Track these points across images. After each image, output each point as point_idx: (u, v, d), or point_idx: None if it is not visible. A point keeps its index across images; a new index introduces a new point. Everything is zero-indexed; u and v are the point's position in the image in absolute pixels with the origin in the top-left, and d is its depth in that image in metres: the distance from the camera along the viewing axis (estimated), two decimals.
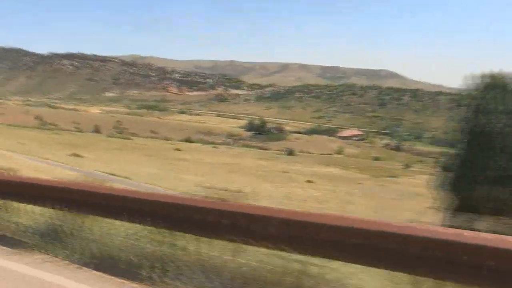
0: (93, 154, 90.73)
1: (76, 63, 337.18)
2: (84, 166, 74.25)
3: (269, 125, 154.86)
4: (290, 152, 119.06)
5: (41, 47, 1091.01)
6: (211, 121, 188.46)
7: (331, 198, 70.11)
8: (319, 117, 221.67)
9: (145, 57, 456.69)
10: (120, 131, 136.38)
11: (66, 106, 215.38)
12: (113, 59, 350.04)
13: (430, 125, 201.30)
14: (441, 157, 30.88)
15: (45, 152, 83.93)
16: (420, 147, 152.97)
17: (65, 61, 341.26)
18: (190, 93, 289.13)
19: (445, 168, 25.26)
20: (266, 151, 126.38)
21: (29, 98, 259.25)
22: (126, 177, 72.02)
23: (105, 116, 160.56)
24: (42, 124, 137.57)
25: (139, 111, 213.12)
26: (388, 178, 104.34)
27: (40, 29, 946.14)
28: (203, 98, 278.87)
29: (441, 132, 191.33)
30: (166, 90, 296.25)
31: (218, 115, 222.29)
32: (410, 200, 74.05)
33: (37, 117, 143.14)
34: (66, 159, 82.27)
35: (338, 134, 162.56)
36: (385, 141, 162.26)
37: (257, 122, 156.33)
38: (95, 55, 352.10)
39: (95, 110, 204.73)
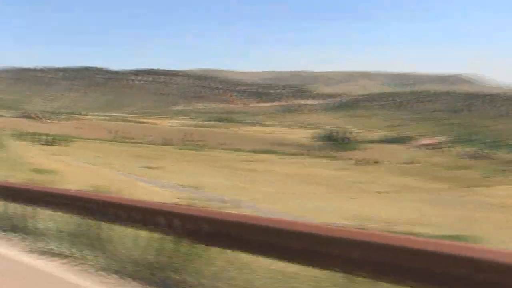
0: (167, 166, 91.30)
1: (147, 79, 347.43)
2: (157, 178, 74.59)
3: (340, 135, 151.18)
4: (364, 162, 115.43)
5: (115, 65, 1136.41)
6: (281, 132, 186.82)
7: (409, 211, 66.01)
8: (390, 126, 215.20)
9: (213, 70, 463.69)
10: (192, 143, 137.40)
11: (139, 120, 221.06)
12: (182, 74, 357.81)
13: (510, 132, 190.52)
14: None
15: (119, 165, 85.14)
16: (502, 155, 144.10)
17: (137, 77, 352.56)
18: (257, 104, 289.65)
19: None
20: (339, 161, 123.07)
21: (104, 113, 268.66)
22: (194, 187, 71.45)
23: (176, 128, 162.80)
24: (118, 138, 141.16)
25: (205, 123, 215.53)
26: (469, 189, 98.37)
27: (113, 48, 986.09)
28: (270, 109, 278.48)
29: None
30: (234, 102, 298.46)
31: (287, 126, 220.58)
32: (496, 212, 68.32)
33: (113, 131, 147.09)
34: (139, 171, 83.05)
35: (412, 143, 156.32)
36: (464, 149, 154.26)
37: (327, 131, 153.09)
38: (165, 70, 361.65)
39: (165, 123, 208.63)
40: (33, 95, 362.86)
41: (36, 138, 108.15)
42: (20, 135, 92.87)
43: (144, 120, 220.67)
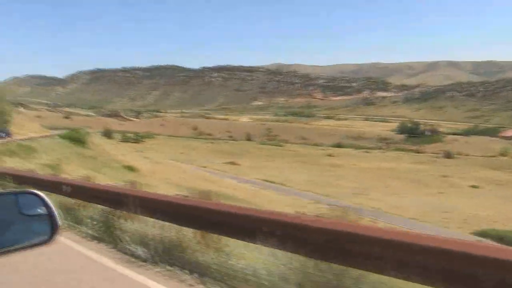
0: (248, 162, 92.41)
1: (224, 75, 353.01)
2: (242, 175, 75.68)
3: (422, 127, 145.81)
4: (448, 155, 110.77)
5: (194, 63, 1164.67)
6: (359, 125, 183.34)
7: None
8: (475, 117, 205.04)
9: (290, 65, 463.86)
10: (271, 138, 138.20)
11: (218, 116, 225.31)
12: (259, 69, 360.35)
13: None
14: None
15: (203, 161, 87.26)
16: None
17: (215, 74, 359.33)
18: (335, 98, 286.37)
19: None
20: (421, 154, 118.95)
21: (184, 110, 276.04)
22: (282, 184, 71.69)
23: (254, 124, 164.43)
24: (198, 134, 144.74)
25: (286, 118, 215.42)
26: None
27: (192, 46, 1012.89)
28: (349, 103, 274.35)
29: None
30: (311, 96, 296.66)
31: (366, 119, 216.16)
32: None
33: (193, 128, 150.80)
34: (224, 167, 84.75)
35: (501, 134, 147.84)
36: None
37: (408, 124, 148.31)
38: (242, 66, 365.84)
39: (244, 118, 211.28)
40: (116, 95, 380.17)
41: (122, 136, 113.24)
42: (107, 134, 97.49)
43: (224, 116, 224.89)
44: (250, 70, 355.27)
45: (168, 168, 52.64)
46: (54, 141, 43.39)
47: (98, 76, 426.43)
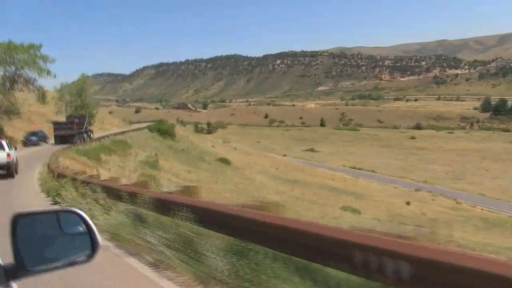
0: (327, 148, 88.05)
1: (288, 62, 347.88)
2: (326, 162, 71.33)
3: (506, 104, 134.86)
4: None
5: (256, 51, 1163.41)
6: (433, 106, 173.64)
7: None
8: None
9: (351, 48, 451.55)
10: (345, 122, 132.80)
11: (285, 103, 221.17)
12: (323, 53, 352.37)
13: None
14: None
15: (282, 149, 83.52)
16: None
17: (278, 61, 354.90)
18: (403, 79, 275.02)
19: None
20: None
21: (249, 99, 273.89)
22: (372, 171, 66.79)
23: (327, 108, 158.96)
24: (270, 122, 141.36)
25: (354, 101, 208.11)
26: None
27: (252, 35, 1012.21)
28: (419, 83, 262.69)
29: None
30: (378, 78, 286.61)
31: (438, 99, 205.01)
32: None
33: (264, 116, 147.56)
34: (304, 155, 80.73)
35: None
36: None
37: (493, 101, 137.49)
38: (304, 52, 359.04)
39: (311, 104, 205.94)
40: (181, 87, 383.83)
41: (194, 126, 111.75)
42: (183, 125, 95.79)
43: (290, 103, 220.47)
44: (313, 55, 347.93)
45: (261, 159, 49.26)
46: (144, 134, 40.85)
47: (162, 70, 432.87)
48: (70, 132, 34.39)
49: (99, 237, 1.53)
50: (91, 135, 37.93)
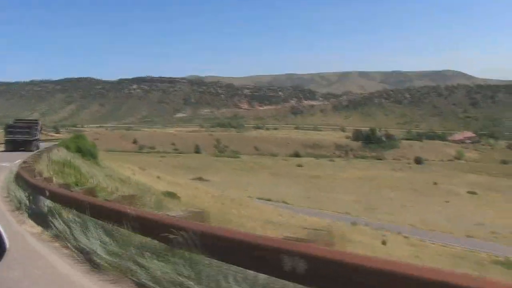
0: (217, 177, 79.59)
1: (145, 87, 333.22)
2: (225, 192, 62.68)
3: (376, 134, 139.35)
4: (419, 161, 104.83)
5: (109, 74, 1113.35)
6: (293, 134, 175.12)
7: None
8: (405, 123, 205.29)
9: (205, 77, 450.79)
10: (221, 149, 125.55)
11: (144, 129, 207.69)
12: (181, 80, 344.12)
13: None
14: None
15: (171, 178, 72.91)
16: None
17: (134, 86, 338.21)
18: (261, 108, 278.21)
19: None
20: (387, 160, 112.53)
21: (103, 125, 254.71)
22: (284, 202, 59.60)
23: (200, 135, 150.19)
24: (139, 148, 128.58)
25: (213, 129, 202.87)
26: None
27: (104, 57, 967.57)
28: (276, 112, 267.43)
29: None
30: (237, 107, 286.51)
31: (296, 128, 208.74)
32: None
33: (133, 141, 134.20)
34: (194, 184, 70.96)
35: (450, 138, 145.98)
36: (502, 141, 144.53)
37: (362, 131, 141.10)
38: (163, 78, 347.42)
39: (171, 131, 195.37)
40: (24, 109, 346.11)
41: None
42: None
43: (149, 130, 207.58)
44: (172, 81, 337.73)
45: (191, 190, 39.23)
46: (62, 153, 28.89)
47: (2, 90, 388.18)
48: (25, 137, 30.92)
49: (6, 241, 1.44)
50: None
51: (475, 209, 62.03)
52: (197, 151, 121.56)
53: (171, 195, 26.89)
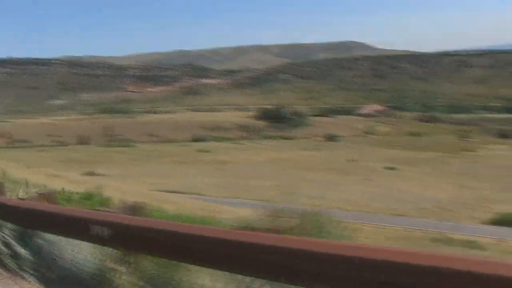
0: (113, 170, 76.04)
1: (10, 70, 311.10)
2: (125, 185, 59.76)
3: (282, 112, 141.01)
4: (331, 138, 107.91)
5: None
6: (189, 117, 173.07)
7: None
8: (311, 98, 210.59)
9: (82, 57, 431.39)
10: (112, 138, 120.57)
11: (10, 120, 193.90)
12: (56, 62, 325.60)
13: (441, 91, 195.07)
14: None
15: (62, 173, 68.50)
16: (460, 116, 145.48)
17: None
18: (153, 89, 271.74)
19: None
20: (298, 140, 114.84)
21: None
22: (195, 192, 58.17)
23: (86, 123, 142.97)
24: (10, 142, 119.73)
25: (100, 115, 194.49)
26: (469, 153, 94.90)
27: None
28: (170, 93, 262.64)
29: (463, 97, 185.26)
30: (125, 90, 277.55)
31: (197, 110, 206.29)
32: None
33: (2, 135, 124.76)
34: (87, 179, 67.06)
35: (360, 112, 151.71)
36: (410, 113, 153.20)
37: (267, 110, 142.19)
38: (34, 59, 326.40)
39: (44, 120, 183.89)
40: None
41: None
42: None
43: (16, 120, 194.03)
44: (45, 63, 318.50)
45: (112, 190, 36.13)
46: None
47: None
48: None
49: None
50: None
51: (396, 185, 64.31)
52: (83, 141, 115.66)
53: (93, 196, 24.06)
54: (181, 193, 55.74)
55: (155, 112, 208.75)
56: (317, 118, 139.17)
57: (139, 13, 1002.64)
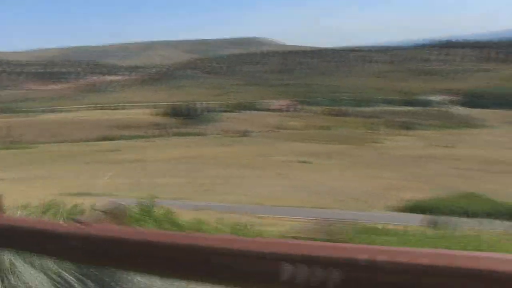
0: (10, 173, 71.59)
1: None
2: (25, 192, 56.46)
3: (190, 109, 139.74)
4: (243, 133, 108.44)
5: None
6: (96, 114, 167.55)
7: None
8: (220, 94, 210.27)
9: None
10: (12, 140, 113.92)
11: None
12: None
13: (347, 85, 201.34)
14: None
15: None
16: (364, 109, 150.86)
17: None
18: (54, 87, 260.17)
19: None
20: (208, 136, 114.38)
21: None
22: (110, 195, 55.96)
23: None
24: None
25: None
26: (376, 145, 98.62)
27: None
28: (68, 91, 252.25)
29: (364, 91, 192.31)
30: (21, 88, 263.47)
31: (100, 108, 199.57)
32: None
33: None
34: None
35: (270, 107, 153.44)
36: (316, 107, 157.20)
37: (174, 107, 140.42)
38: None
39: None
40: None
41: None
42: None
43: None
44: None
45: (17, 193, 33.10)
46: None
47: None
48: None
49: None
50: None
51: (313, 178, 65.10)
52: None
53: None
54: (87, 195, 53.38)
55: (57, 111, 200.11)
56: (228, 114, 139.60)
57: (37, 5, 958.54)
